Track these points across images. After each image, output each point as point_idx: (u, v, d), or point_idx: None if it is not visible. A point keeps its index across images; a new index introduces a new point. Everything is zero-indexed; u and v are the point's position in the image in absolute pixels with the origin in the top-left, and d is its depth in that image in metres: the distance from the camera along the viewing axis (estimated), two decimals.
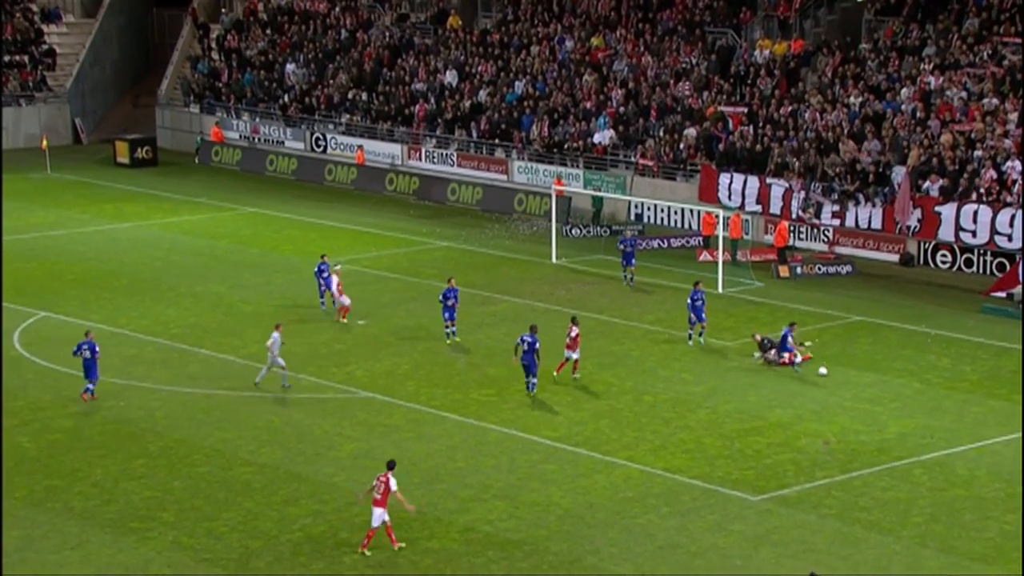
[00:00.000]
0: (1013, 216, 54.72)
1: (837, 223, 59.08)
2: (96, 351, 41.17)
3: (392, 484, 31.57)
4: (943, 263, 56.51)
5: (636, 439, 38.33)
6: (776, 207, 60.59)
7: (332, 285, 49.50)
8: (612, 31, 73.47)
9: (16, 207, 66.43)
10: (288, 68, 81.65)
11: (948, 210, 56.29)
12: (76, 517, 33.53)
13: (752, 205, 61.22)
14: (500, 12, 79.82)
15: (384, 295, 51.29)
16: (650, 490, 34.96)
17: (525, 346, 41.23)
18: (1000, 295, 51.66)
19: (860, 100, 62.18)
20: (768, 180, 61.00)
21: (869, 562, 31.14)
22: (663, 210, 63.64)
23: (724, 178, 62.27)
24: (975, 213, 55.64)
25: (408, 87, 76.53)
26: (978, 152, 57.22)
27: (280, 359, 41.93)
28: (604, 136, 67.47)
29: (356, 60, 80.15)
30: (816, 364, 43.53)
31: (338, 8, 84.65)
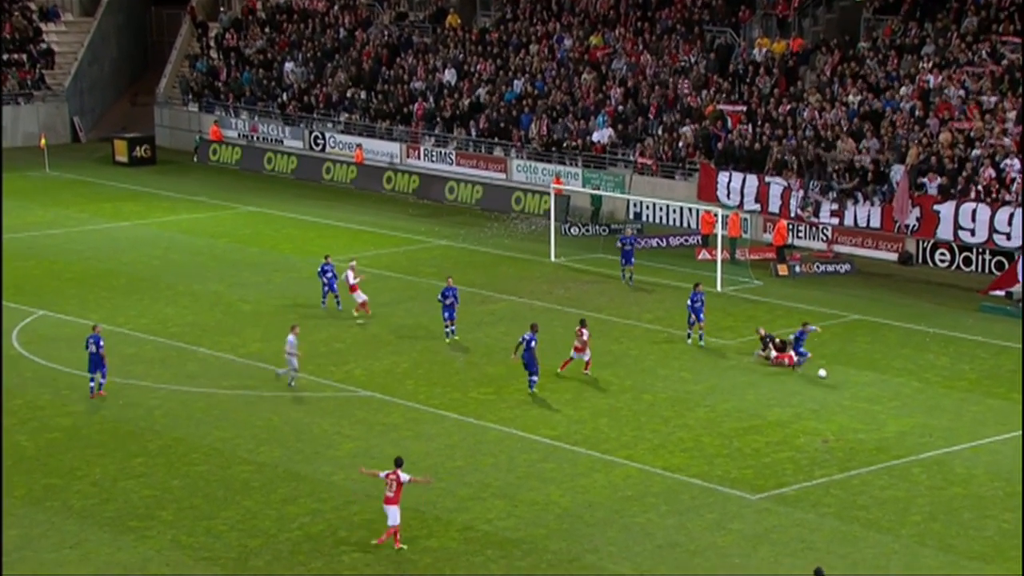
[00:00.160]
0: (1012, 214, 54.72)
1: (836, 222, 59.09)
2: (101, 345, 41.23)
3: (403, 477, 31.56)
4: (942, 262, 56.52)
5: (635, 438, 38.34)
6: (775, 206, 60.61)
7: (335, 285, 49.63)
8: (611, 30, 73.48)
9: (15, 206, 66.41)
10: (287, 67, 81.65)
11: (947, 209, 56.30)
12: (75, 516, 33.53)
13: (751, 204, 61.23)
14: (499, 11, 79.83)
15: (383, 294, 51.27)
16: (649, 489, 34.96)
17: (525, 344, 41.27)
18: (999, 294, 51.66)
19: (859, 99, 62.19)
20: (767, 179, 61.01)
21: (868, 561, 31.15)
22: (662, 209, 63.65)
23: (723, 177, 62.28)
24: (974, 212, 55.65)
25: (407, 86, 76.53)
26: (977, 151, 57.23)
27: (295, 360, 41.92)
28: (603, 135, 67.46)
29: (355, 59, 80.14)
30: (815, 365, 43.44)
31: (337, 7, 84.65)
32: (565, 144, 68.36)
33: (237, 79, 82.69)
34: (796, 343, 43.70)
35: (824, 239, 59.09)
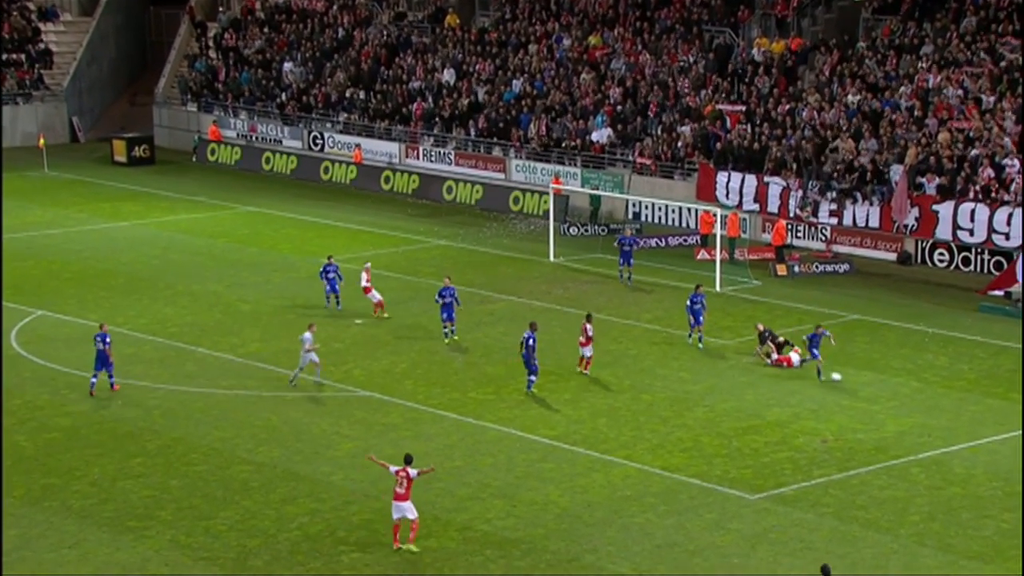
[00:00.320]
0: (1011, 214, 54.73)
1: (835, 222, 59.09)
2: (107, 341, 41.34)
3: (412, 473, 31.55)
4: (941, 262, 56.52)
5: (634, 438, 38.33)
6: (774, 206, 60.61)
7: (336, 286, 49.65)
8: (610, 29, 73.48)
9: (13, 206, 66.38)
10: (286, 67, 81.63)
11: (946, 208, 56.30)
12: (74, 516, 33.51)
13: (750, 204, 61.23)
14: (498, 11, 79.83)
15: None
16: (648, 489, 34.95)
17: (523, 343, 41.28)
18: (997, 294, 51.65)
19: (858, 98, 62.19)
20: (766, 178, 61.02)
21: (867, 561, 31.14)
22: (661, 209, 63.64)
23: (722, 176, 62.28)
24: (972, 211, 55.65)
25: (406, 86, 76.52)
26: (976, 150, 57.23)
27: (308, 357, 41.88)
28: (602, 135, 67.45)
29: (354, 59, 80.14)
30: (826, 368, 43.11)
31: (336, 7, 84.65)
32: (564, 144, 68.35)
33: (236, 79, 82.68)
34: (811, 344, 43.15)
35: (823, 239, 59.09)
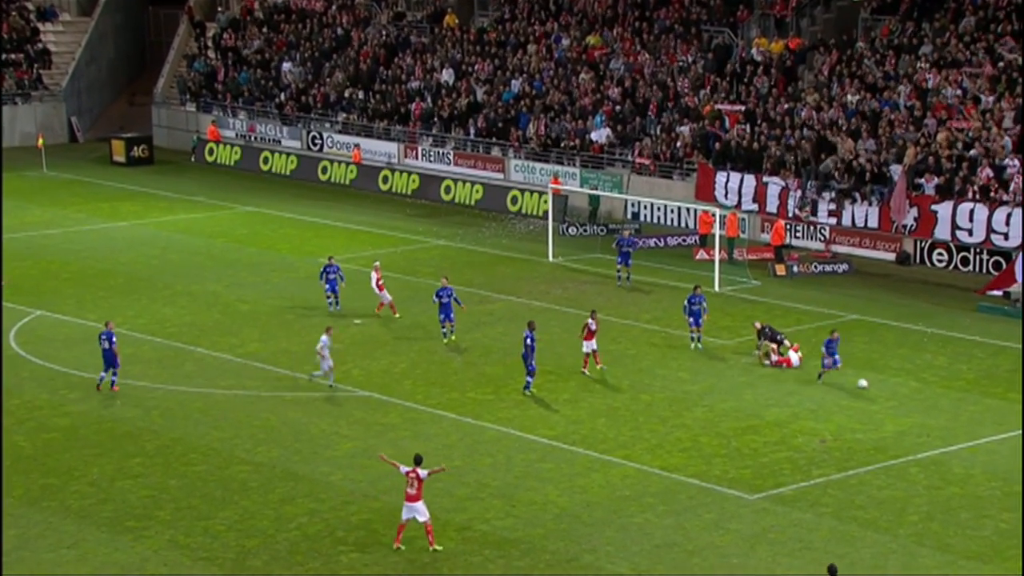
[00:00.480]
0: (1009, 214, 54.73)
1: (834, 222, 59.09)
2: (113, 340, 41.42)
3: (422, 474, 31.53)
4: (939, 262, 56.51)
5: (633, 438, 38.33)
6: (773, 205, 60.61)
7: (336, 287, 49.61)
8: (609, 29, 73.48)
9: (12, 206, 66.34)
10: (284, 66, 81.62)
11: (944, 208, 56.30)
12: (72, 516, 33.51)
13: (749, 203, 61.22)
14: (497, 10, 79.83)
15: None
16: (647, 489, 34.95)
17: (523, 343, 41.30)
18: (996, 294, 51.66)
19: (857, 98, 62.20)
20: (765, 178, 61.01)
21: (865, 560, 31.14)
22: (660, 209, 63.63)
23: (721, 176, 62.27)
24: (971, 211, 55.65)
25: (404, 86, 76.51)
26: (974, 150, 57.23)
27: (328, 360, 41.84)
28: (601, 134, 67.45)
29: (352, 59, 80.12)
30: (841, 373, 42.91)
31: (334, 7, 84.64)
32: (563, 144, 68.35)
33: (235, 79, 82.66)
34: (828, 350, 42.66)
35: (822, 239, 59.08)
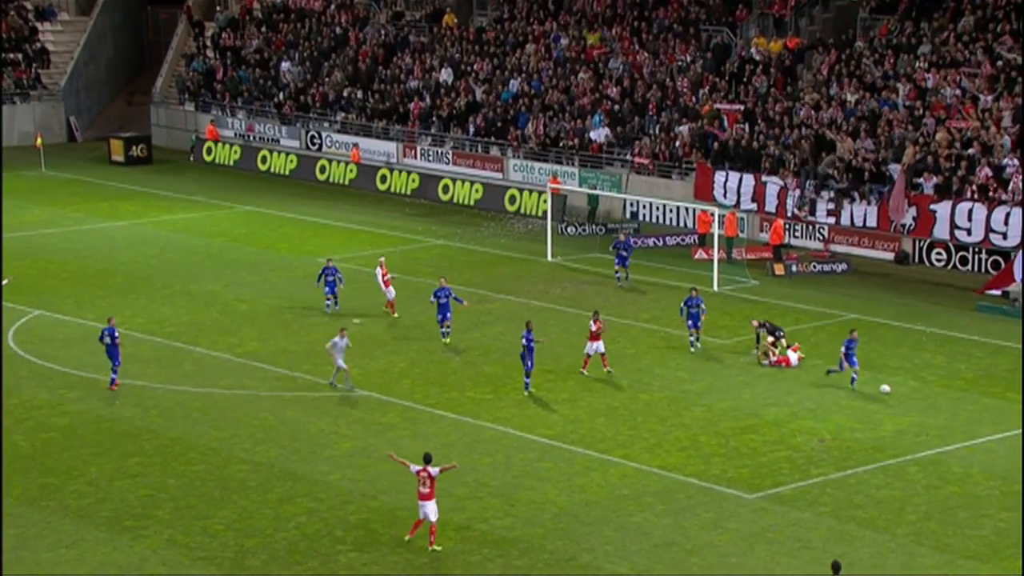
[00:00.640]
0: (1008, 214, 54.74)
1: (832, 221, 59.10)
2: (116, 337, 41.45)
3: (433, 472, 31.52)
4: (938, 261, 56.53)
5: (632, 437, 38.33)
6: (771, 205, 60.61)
7: (335, 287, 49.58)
8: (608, 29, 73.48)
9: (11, 205, 66.33)
10: (283, 66, 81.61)
11: (943, 208, 56.31)
12: (71, 515, 33.50)
13: (747, 203, 61.22)
14: (495, 10, 79.83)
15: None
16: (646, 488, 34.96)
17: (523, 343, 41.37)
18: (995, 293, 51.68)
19: (855, 98, 62.20)
20: (763, 178, 61.02)
21: (864, 560, 31.14)
22: (658, 208, 63.64)
23: (719, 176, 62.27)
24: (970, 211, 55.65)
25: (403, 85, 76.51)
26: (973, 150, 57.24)
27: (342, 363, 41.78)
28: (600, 134, 67.44)
29: (351, 58, 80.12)
30: (834, 370, 42.92)
31: (333, 6, 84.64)
32: (562, 143, 68.35)
33: (233, 78, 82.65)
34: (847, 352, 42.25)
35: (821, 238, 59.09)
